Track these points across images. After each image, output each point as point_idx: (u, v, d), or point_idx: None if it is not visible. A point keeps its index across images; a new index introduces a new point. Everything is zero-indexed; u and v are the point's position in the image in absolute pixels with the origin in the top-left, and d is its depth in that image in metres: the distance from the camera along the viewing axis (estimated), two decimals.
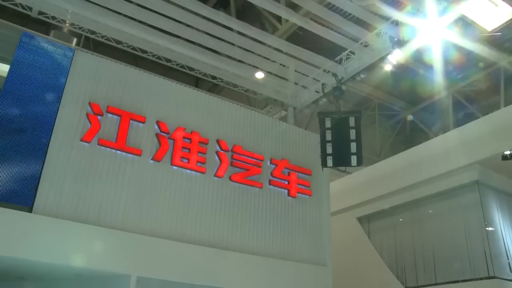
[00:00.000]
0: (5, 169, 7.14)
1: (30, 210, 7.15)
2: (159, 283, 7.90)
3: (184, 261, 8.16)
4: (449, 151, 11.51)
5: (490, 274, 10.24)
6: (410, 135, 18.65)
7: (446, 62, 13.60)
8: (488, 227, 10.81)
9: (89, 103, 8.22)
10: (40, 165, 7.43)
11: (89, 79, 8.42)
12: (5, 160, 7.18)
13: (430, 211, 12.34)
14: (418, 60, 14.22)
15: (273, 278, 9.05)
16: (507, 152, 10.50)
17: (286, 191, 10.05)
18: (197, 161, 9.00)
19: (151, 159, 8.56)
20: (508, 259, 10.73)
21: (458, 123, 14.00)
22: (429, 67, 14.40)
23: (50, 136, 7.68)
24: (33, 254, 6.93)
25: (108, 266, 7.50)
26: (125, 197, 8.07)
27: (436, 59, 12.62)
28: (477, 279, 10.45)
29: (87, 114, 8.14)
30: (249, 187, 9.55)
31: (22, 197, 7.16)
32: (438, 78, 14.92)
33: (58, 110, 7.90)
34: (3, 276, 7.99)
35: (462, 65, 14.75)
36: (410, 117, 18.36)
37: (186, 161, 8.89)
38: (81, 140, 7.94)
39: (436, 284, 11.31)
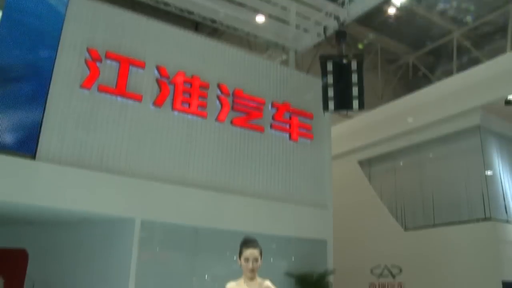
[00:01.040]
0: (6, 118, 7.14)
1: (33, 157, 7.21)
2: (163, 225, 8.11)
3: (187, 205, 8.33)
4: (451, 96, 11.41)
5: (486, 216, 10.45)
6: (412, 80, 18.47)
7: (451, 5, 13.25)
8: (488, 171, 10.91)
9: (87, 49, 8.10)
10: (40, 113, 7.42)
11: (86, 25, 8.25)
12: (5, 109, 7.16)
13: (431, 155, 12.42)
14: (423, 2, 13.86)
15: (275, 220, 9.25)
16: (511, 97, 10.41)
17: (287, 135, 10.09)
18: (198, 106, 8.99)
19: (152, 105, 8.55)
20: (504, 201, 10.90)
21: (462, 68, 13.80)
22: (433, 10, 14.06)
23: (49, 84, 7.61)
24: (37, 200, 7.05)
25: (112, 210, 7.66)
26: (127, 143, 8.13)
27: (440, 2, 12.28)
28: (474, 221, 10.67)
29: (85, 60, 8.04)
30: (250, 131, 9.59)
31: (25, 145, 7.21)
32: (442, 21, 14.59)
33: (55, 57, 7.77)
34: (8, 221, 8.18)
35: (468, 8, 14.37)
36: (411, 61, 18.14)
37: (187, 105, 8.88)
38: (81, 86, 7.89)
39: (434, 226, 11.57)
